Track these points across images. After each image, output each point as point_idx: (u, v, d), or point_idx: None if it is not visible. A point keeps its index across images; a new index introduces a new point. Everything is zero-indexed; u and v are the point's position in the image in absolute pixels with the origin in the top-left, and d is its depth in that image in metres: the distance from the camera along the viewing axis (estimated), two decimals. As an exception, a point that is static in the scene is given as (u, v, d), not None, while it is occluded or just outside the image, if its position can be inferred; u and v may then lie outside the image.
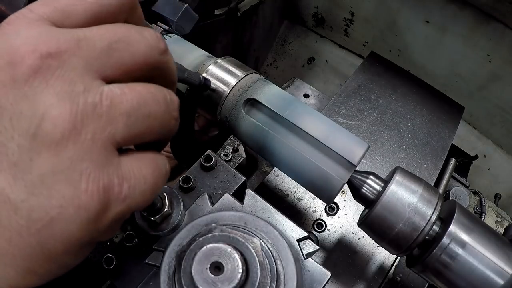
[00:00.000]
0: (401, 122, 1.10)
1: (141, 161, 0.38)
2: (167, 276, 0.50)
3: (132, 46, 0.36)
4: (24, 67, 0.31)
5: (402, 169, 0.68)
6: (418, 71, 1.47)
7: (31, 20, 0.34)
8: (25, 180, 0.31)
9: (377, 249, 0.89)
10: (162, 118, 0.38)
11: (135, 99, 0.35)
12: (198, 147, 0.78)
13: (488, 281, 0.60)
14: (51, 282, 0.36)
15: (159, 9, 0.93)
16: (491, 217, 1.11)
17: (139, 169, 0.37)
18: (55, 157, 0.32)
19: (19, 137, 0.31)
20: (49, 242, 0.32)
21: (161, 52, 0.39)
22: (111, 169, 0.34)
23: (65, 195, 0.32)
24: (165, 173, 0.41)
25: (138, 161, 0.38)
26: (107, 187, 0.33)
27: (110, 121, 0.33)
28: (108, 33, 0.35)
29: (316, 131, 0.64)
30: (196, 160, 0.70)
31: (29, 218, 0.31)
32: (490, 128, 1.84)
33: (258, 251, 0.46)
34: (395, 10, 1.74)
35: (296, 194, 0.97)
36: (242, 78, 0.73)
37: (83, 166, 0.32)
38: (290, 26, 2.25)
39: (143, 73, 0.38)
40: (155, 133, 0.38)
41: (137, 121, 0.35)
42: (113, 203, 0.34)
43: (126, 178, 0.35)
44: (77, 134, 0.32)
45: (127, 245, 0.66)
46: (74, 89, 0.32)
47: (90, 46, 0.34)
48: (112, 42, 0.35)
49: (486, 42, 1.55)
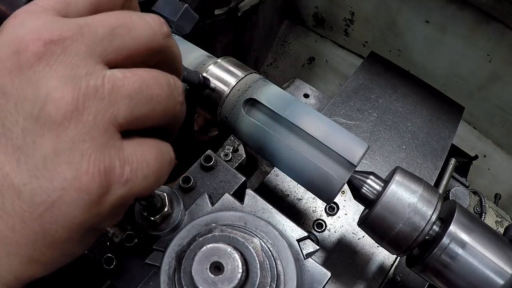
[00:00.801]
0: (401, 122, 1.10)
1: (144, 146, 0.38)
2: (167, 276, 0.50)
3: (134, 31, 0.37)
4: (28, 54, 0.33)
5: (402, 169, 0.68)
6: (418, 71, 1.48)
7: (36, 12, 0.35)
8: (28, 163, 0.32)
9: (377, 249, 0.89)
10: (166, 102, 0.39)
11: (137, 82, 0.36)
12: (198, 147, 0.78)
13: (488, 281, 0.60)
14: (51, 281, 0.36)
15: (159, 9, 0.93)
16: (491, 217, 1.11)
17: (142, 153, 0.37)
18: (57, 138, 0.32)
19: (24, 121, 0.32)
20: (51, 227, 0.33)
21: (164, 36, 0.40)
22: (113, 151, 0.34)
23: (67, 177, 0.32)
24: (169, 160, 0.41)
25: (141, 146, 0.38)
26: (108, 169, 0.33)
27: (112, 103, 0.34)
28: (109, 19, 0.36)
29: (316, 131, 0.64)
30: (196, 160, 0.70)
31: (32, 202, 0.32)
32: (490, 128, 1.84)
33: (258, 251, 0.46)
34: (395, 10, 1.74)
35: (296, 194, 0.97)
36: (242, 78, 0.73)
37: (84, 146, 0.33)
38: (290, 26, 2.25)
39: (147, 58, 0.39)
40: (158, 117, 0.39)
41: (139, 103, 0.36)
42: (114, 185, 0.34)
43: (128, 161, 0.35)
44: (78, 115, 0.32)
45: (127, 245, 0.66)
46: (77, 73, 0.33)
47: (92, 32, 0.35)
48: (114, 28, 0.36)
49: (486, 42, 1.55)
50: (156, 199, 0.57)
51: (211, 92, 0.74)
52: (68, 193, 0.32)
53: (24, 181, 0.32)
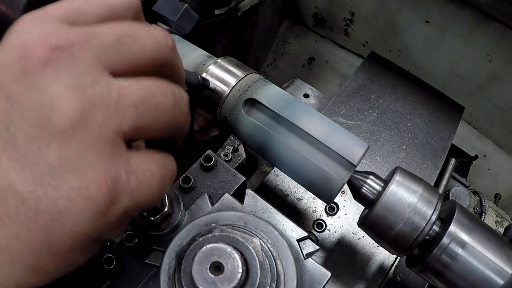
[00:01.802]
0: (401, 122, 1.10)
1: (148, 157, 0.38)
2: (167, 276, 0.50)
3: (140, 42, 0.37)
4: (34, 59, 0.32)
5: (402, 169, 0.68)
6: (418, 71, 1.47)
7: (43, 18, 0.35)
8: (33, 171, 0.31)
9: (377, 249, 0.89)
10: (171, 112, 0.39)
11: (142, 91, 0.36)
12: (198, 147, 0.78)
13: (488, 281, 0.60)
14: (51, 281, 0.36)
15: (159, 9, 0.93)
16: (491, 217, 1.11)
17: (146, 164, 0.37)
18: (63, 146, 0.32)
19: (29, 127, 0.32)
20: (57, 236, 0.32)
21: (169, 48, 0.40)
22: (119, 161, 0.34)
23: (74, 186, 0.32)
24: (172, 172, 0.41)
25: (145, 156, 0.38)
26: (115, 179, 0.33)
27: (117, 112, 0.34)
28: (117, 28, 0.36)
29: (316, 131, 0.64)
30: (196, 160, 0.70)
31: (37, 209, 0.31)
32: (490, 128, 1.84)
33: (258, 251, 0.46)
34: (395, 10, 1.74)
35: (296, 194, 0.97)
36: (242, 78, 0.73)
37: (91, 156, 0.32)
38: (290, 26, 2.25)
39: (152, 69, 0.39)
40: (164, 127, 0.39)
41: (144, 112, 0.36)
42: (121, 195, 0.34)
43: (133, 171, 0.35)
44: (84, 124, 0.32)
45: (127, 245, 0.66)
46: (83, 80, 0.33)
47: (99, 40, 0.35)
48: (121, 37, 0.36)
49: (486, 42, 1.55)
50: (156, 199, 0.57)
51: (211, 93, 0.74)
52: (75, 202, 0.32)
53: (28, 188, 0.31)
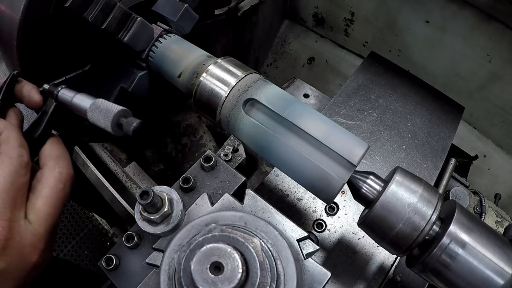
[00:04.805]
0: (401, 122, 1.10)
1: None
2: (167, 276, 0.50)
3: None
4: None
5: (402, 169, 0.68)
6: (418, 71, 1.48)
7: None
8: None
9: (377, 249, 0.89)
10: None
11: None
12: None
13: (488, 281, 0.60)
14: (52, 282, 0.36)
15: (159, 9, 0.93)
16: (491, 217, 1.11)
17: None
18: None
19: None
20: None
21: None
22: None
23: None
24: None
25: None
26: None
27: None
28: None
29: (316, 131, 0.64)
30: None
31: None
32: (490, 128, 1.84)
33: (258, 251, 0.46)
34: (395, 10, 1.74)
35: (296, 194, 0.97)
36: (242, 78, 0.73)
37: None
38: (290, 26, 2.25)
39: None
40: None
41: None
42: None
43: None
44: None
45: (127, 245, 0.66)
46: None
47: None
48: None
49: (486, 42, 1.55)
50: (156, 199, 0.57)
51: (210, 93, 0.74)
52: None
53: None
